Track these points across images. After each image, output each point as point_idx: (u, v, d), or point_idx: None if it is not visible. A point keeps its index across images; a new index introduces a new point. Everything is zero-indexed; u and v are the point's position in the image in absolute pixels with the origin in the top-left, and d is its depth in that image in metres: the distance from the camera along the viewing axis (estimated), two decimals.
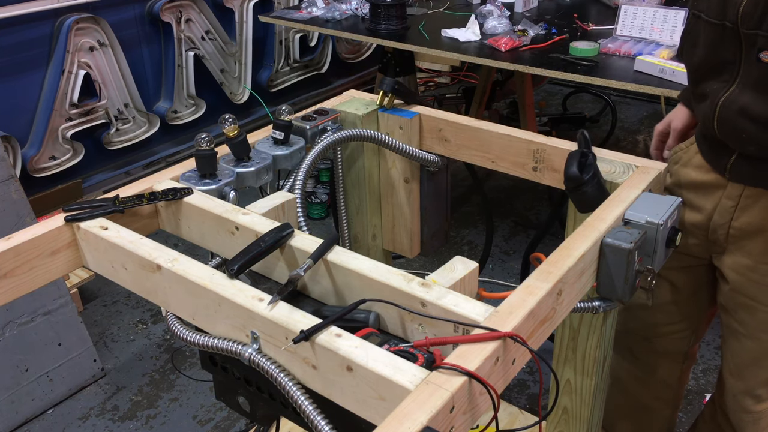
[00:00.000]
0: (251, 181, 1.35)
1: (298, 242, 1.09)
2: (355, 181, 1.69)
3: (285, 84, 4.36)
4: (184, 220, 1.25)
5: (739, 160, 1.31)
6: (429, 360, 0.87)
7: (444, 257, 2.96)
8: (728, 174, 1.33)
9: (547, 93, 4.91)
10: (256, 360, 0.96)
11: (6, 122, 3.12)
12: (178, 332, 1.08)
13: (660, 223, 1.13)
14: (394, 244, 1.78)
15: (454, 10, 3.22)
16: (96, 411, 2.40)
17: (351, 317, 0.99)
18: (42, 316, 2.30)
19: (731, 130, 1.26)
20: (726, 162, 1.33)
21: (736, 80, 1.24)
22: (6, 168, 2.16)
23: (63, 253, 1.19)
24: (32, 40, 3.15)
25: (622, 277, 1.11)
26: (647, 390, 1.76)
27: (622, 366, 1.75)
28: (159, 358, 2.63)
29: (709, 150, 1.38)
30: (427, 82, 5.11)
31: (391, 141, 1.49)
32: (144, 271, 1.09)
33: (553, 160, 1.40)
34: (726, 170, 1.33)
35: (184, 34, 3.68)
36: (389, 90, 1.57)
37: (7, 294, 1.14)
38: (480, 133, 1.48)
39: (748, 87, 1.22)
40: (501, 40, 2.56)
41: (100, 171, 3.62)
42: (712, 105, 1.28)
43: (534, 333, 0.95)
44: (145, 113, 3.65)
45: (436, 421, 0.76)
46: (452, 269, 1.06)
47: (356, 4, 3.15)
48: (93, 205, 1.20)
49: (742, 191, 1.33)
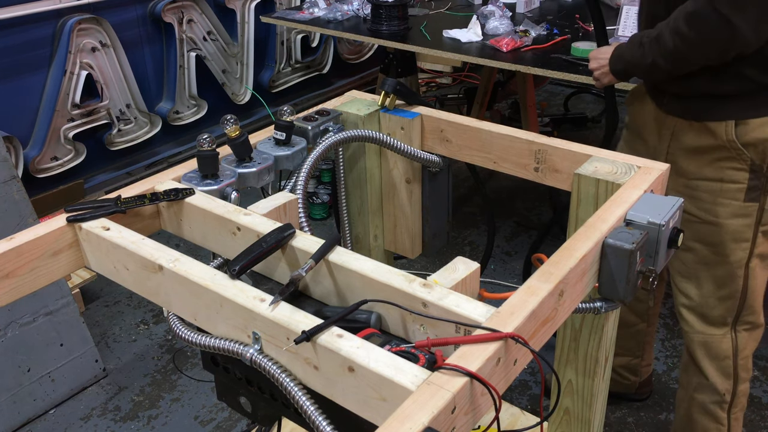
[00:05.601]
0: (253, 182, 1.35)
1: (299, 243, 1.09)
2: (356, 181, 1.69)
3: (286, 84, 4.37)
4: (185, 221, 1.25)
5: (671, 98, 1.63)
6: (430, 360, 0.87)
7: (445, 258, 2.96)
8: (665, 108, 1.66)
9: (548, 93, 4.91)
10: (258, 360, 0.96)
11: (8, 123, 3.13)
12: (179, 333, 1.08)
13: (662, 224, 1.13)
14: (396, 244, 1.78)
15: (456, 10, 3.22)
16: (98, 411, 2.40)
17: (352, 318, 0.99)
18: (44, 316, 2.30)
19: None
20: (662, 99, 1.66)
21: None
22: (8, 168, 2.17)
23: (65, 254, 1.19)
24: (34, 40, 3.15)
25: (624, 277, 1.10)
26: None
27: None
28: (161, 359, 2.63)
29: (651, 90, 1.71)
30: (428, 82, 5.11)
31: (393, 141, 1.49)
32: (146, 272, 1.09)
33: (555, 161, 1.39)
34: (663, 104, 1.66)
35: (186, 35, 3.69)
36: (391, 90, 1.57)
37: (9, 294, 1.14)
38: (481, 133, 1.48)
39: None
40: (503, 40, 2.56)
41: (102, 171, 3.63)
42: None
43: (535, 334, 0.95)
44: (146, 114, 3.66)
45: (437, 421, 0.76)
46: (454, 270, 1.06)
47: (358, 4, 3.15)
48: (95, 205, 1.20)
49: (675, 122, 1.63)
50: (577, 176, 1.30)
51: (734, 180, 1.59)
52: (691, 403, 1.87)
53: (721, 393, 1.80)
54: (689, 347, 1.82)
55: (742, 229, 1.63)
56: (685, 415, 1.91)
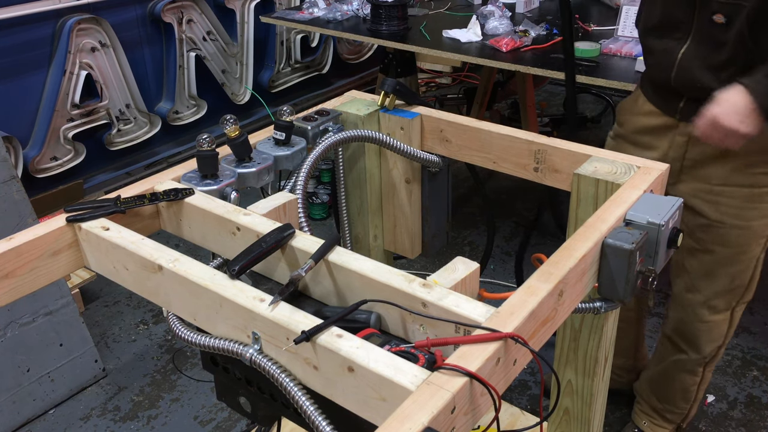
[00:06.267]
0: (252, 182, 1.35)
1: (299, 243, 1.09)
2: (356, 181, 1.69)
3: (286, 84, 4.36)
4: (185, 221, 1.25)
5: (688, 103, 1.55)
6: (430, 361, 0.87)
7: (445, 258, 2.96)
8: (679, 115, 1.59)
9: (548, 93, 4.91)
10: (257, 360, 0.96)
11: (8, 123, 3.13)
12: (179, 333, 1.08)
13: (661, 224, 1.13)
14: (395, 244, 1.78)
15: (456, 10, 3.22)
16: (97, 411, 2.40)
17: (352, 318, 0.99)
18: (43, 316, 2.30)
19: (687, 79, 1.51)
20: (677, 106, 1.58)
21: (689, 36, 1.49)
22: (7, 168, 2.16)
23: (64, 254, 1.19)
24: (34, 40, 3.15)
25: (624, 277, 1.11)
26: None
27: None
28: (160, 359, 2.63)
29: (658, 97, 1.63)
30: (428, 82, 5.11)
31: (393, 142, 1.49)
32: (145, 272, 1.09)
33: (555, 161, 1.39)
34: (677, 112, 1.59)
35: (186, 35, 3.69)
36: (390, 91, 1.57)
37: (9, 294, 1.14)
38: (481, 133, 1.48)
39: (702, 42, 1.48)
40: (502, 40, 2.56)
41: (101, 171, 3.62)
42: (671, 57, 1.53)
43: (535, 334, 0.95)
44: (146, 114, 3.66)
45: (437, 421, 0.76)
46: (453, 270, 1.06)
47: (357, 4, 3.15)
48: (94, 205, 1.20)
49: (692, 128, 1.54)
50: (577, 176, 1.30)
51: (762, 184, 1.58)
52: (673, 366, 1.95)
53: (706, 359, 1.89)
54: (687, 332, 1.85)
55: (763, 229, 1.65)
56: (663, 373, 1.99)
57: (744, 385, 2.41)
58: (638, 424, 2.14)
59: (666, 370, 1.98)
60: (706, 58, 1.47)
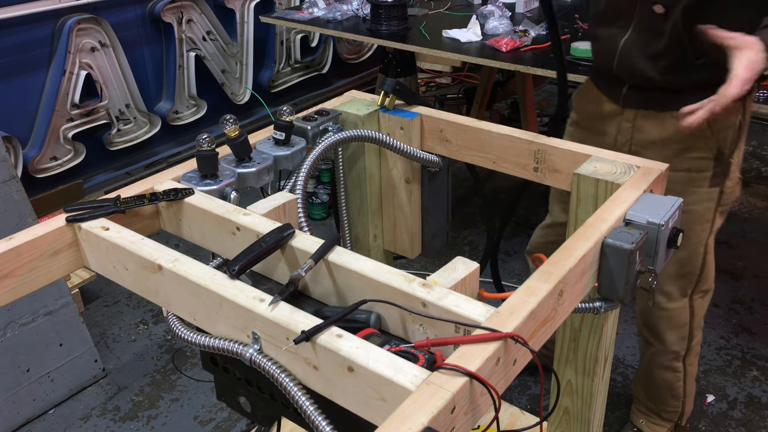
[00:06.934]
0: (252, 182, 1.35)
1: (299, 243, 1.09)
2: (356, 181, 1.69)
3: (286, 84, 4.37)
4: (185, 221, 1.25)
5: (630, 90, 1.62)
6: (430, 360, 0.87)
7: (445, 258, 2.96)
8: (622, 102, 1.65)
9: (548, 93, 4.90)
10: (257, 360, 0.96)
11: (7, 123, 3.13)
12: (179, 332, 1.08)
13: (661, 224, 1.13)
14: (395, 244, 1.78)
15: (455, 10, 3.22)
16: (97, 411, 2.40)
17: (352, 318, 0.99)
18: (43, 316, 2.30)
19: (628, 66, 1.57)
20: (620, 92, 1.64)
21: (631, 26, 1.55)
22: (7, 168, 2.17)
23: (64, 254, 1.19)
24: (34, 40, 3.15)
25: (624, 277, 1.11)
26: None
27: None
28: (160, 359, 2.63)
29: (604, 84, 1.70)
30: (428, 82, 5.11)
31: (392, 141, 1.49)
32: (145, 272, 1.09)
33: (555, 161, 1.39)
34: (620, 99, 1.65)
35: (186, 35, 3.69)
36: (390, 90, 1.57)
37: (9, 294, 1.14)
38: (481, 133, 1.48)
39: (642, 32, 1.53)
40: (502, 40, 2.57)
41: (101, 171, 3.62)
42: (613, 45, 1.59)
43: (535, 333, 0.95)
44: (146, 114, 3.66)
45: (437, 421, 0.76)
46: (453, 270, 1.05)
47: (357, 4, 3.16)
48: (94, 205, 1.20)
49: (636, 114, 1.63)
50: (577, 176, 1.30)
51: (701, 169, 1.63)
52: (650, 361, 1.98)
53: (678, 352, 1.92)
54: (649, 321, 1.90)
55: (705, 212, 1.69)
56: (646, 371, 2.02)
57: (744, 385, 2.41)
58: (636, 423, 2.15)
59: (648, 367, 2.01)
60: (646, 46, 1.53)
